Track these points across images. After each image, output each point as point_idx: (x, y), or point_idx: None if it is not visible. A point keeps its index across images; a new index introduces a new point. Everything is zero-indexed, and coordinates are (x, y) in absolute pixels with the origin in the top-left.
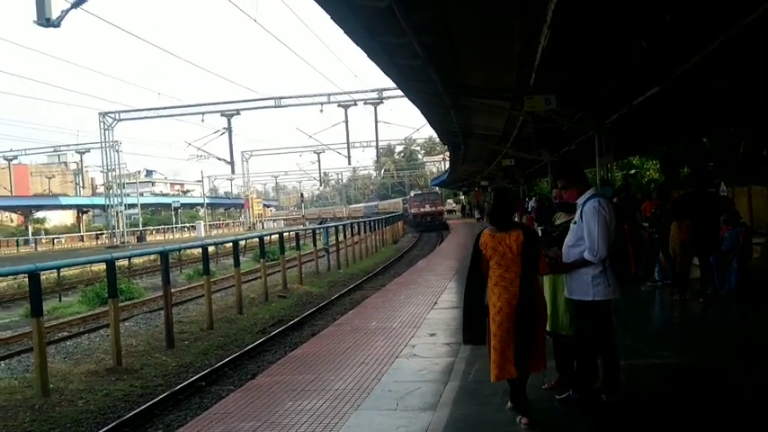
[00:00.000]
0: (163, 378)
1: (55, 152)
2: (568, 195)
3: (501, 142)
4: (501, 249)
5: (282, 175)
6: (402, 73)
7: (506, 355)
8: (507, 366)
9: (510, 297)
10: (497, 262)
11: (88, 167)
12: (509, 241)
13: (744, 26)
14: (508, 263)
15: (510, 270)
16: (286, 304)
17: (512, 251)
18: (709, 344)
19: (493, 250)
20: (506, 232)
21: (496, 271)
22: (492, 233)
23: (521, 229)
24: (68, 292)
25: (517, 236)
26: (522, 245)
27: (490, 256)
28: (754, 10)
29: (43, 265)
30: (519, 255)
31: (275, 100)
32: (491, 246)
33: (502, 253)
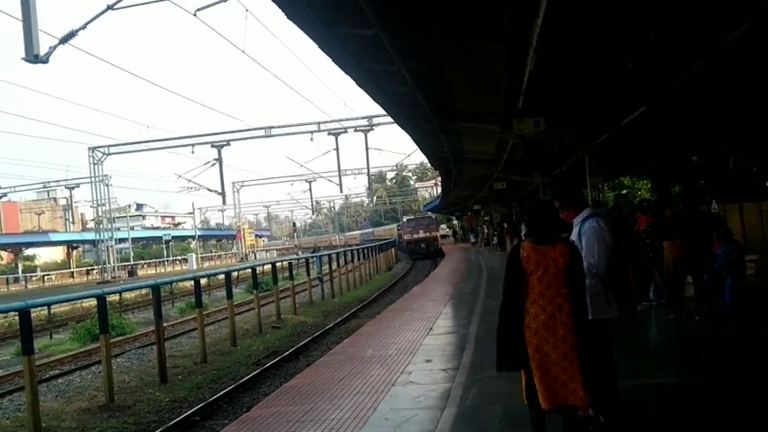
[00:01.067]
0: (156, 414)
1: (44, 188)
2: (566, 215)
3: (492, 166)
4: (545, 263)
5: (274, 205)
6: (391, 99)
7: (544, 382)
8: (547, 395)
9: (547, 318)
10: (539, 278)
11: (78, 202)
12: (554, 255)
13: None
14: (551, 279)
15: (551, 287)
16: (280, 335)
17: (557, 265)
18: (705, 362)
19: (536, 264)
20: (551, 245)
21: (536, 288)
22: (534, 245)
23: (565, 243)
24: (59, 329)
25: (562, 250)
26: (568, 261)
27: (531, 271)
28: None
29: (33, 302)
30: (564, 270)
31: (265, 129)
32: (534, 259)
33: (546, 267)
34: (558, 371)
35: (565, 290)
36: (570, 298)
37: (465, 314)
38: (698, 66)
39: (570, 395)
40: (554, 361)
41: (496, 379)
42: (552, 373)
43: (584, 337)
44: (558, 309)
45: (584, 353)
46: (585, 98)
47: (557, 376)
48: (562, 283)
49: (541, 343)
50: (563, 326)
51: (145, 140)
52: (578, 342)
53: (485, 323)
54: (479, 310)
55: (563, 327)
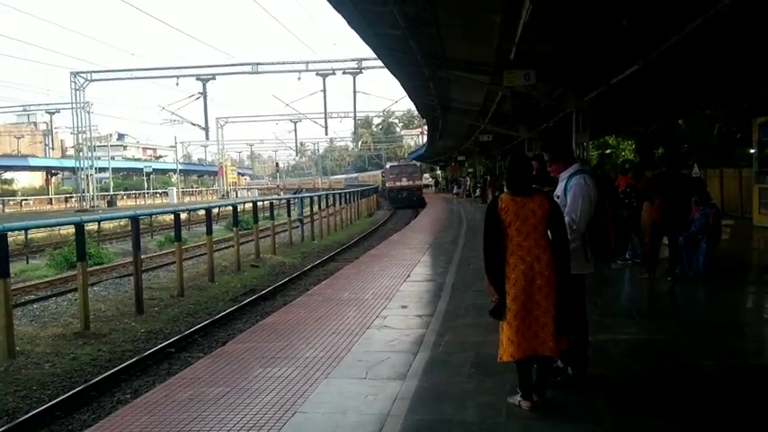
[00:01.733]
0: (131, 343)
1: (24, 112)
2: (554, 170)
3: (479, 117)
4: (523, 214)
5: (258, 144)
6: (382, 42)
7: (520, 332)
8: (522, 345)
9: (526, 268)
10: (517, 228)
11: (58, 128)
12: (533, 206)
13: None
14: (529, 229)
15: (529, 238)
16: (258, 273)
17: (535, 216)
18: (674, 321)
19: (515, 215)
20: (529, 197)
21: (514, 239)
22: (512, 197)
23: (543, 194)
24: (36, 255)
25: (541, 201)
26: (547, 211)
27: (510, 222)
28: None
29: (10, 226)
30: (542, 220)
31: (252, 66)
32: (513, 210)
33: (524, 218)
34: (532, 320)
35: (544, 241)
36: (549, 249)
37: (443, 263)
38: (692, 28)
39: (540, 345)
40: (529, 310)
41: (470, 327)
42: (527, 322)
43: (562, 288)
44: (536, 259)
45: (560, 304)
46: (578, 54)
47: (530, 325)
48: (541, 234)
49: (519, 293)
50: (540, 276)
51: (129, 69)
52: (555, 293)
53: (462, 273)
54: (457, 260)
55: (540, 277)
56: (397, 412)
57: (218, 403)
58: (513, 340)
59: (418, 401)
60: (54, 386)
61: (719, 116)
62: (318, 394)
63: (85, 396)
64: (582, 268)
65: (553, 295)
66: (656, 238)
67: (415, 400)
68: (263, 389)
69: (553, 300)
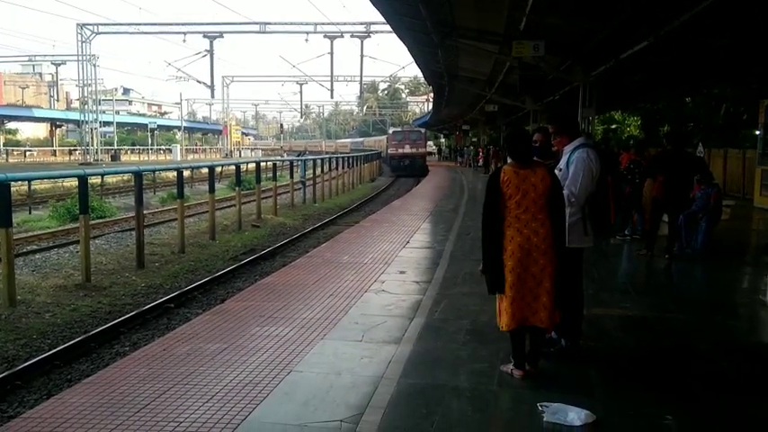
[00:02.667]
0: (131, 297)
1: (30, 62)
2: (558, 142)
3: (486, 87)
4: (524, 187)
5: (263, 104)
6: (392, 7)
7: (515, 302)
8: (516, 315)
9: (523, 240)
10: (517, 201)
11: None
12: (534, 180)
13: None
14: (529, 203)
15: (528, 211)
16: (259, 234)
17: (536, 190)
18: (669, 298)
19: (516, 188)
20: (531, 169)
21: (513, 212)
22: (516, 169)
23: (545, 168)
24: (39, 206)
25: (543, 175)
26: (548, 186)
27: (510, 195)
28: None
29: (14, 176)
30: (542, 195)
31: (260, 25)
32: (514, 183)
33: (525, 191)
34: (525, 291)
35: (542, 215)
36: (546, 223)
37: (443, 231)
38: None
39: (532, 316)
40: (523, 281)
41: (467, 295)
42: (521, 292)
43: (558, 262)
44: (533, 232)
45: (555, 278)
46: (588, 27)
47: (524, 296)
48: (540, 208)
49: (515, 265)
50: (536, 249)
51: (136, 23)
52: (551, 266)
53: (461, 241)
54: (457, 228)
55: (536, 250)
56: (390, 375)
57: (215, 359)
58: (508, 311)
59: (412, 366)
60: (54, 336)
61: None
62: (314, 354)
63: (85, 347)
64: (581, 242)
65: (549, 268)
66: (656, 216)
67: (409, 364)
68: (260, 347)
69: (549, 273)
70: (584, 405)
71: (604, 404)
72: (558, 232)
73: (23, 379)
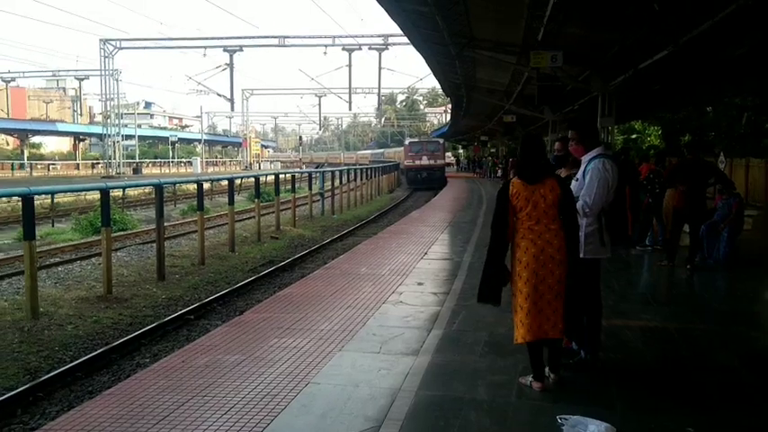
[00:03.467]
0: (152, 309)
1: (54, 77)
2: (575, 149)
3: (504, 98)
4: (534, 199)
5: (282, 117)
6: (409, 19)
7: (532, 314)
8: (532, 327)
9: (537, 251)
10: (528, 213)
11: (87, 95)
12: (543, 190)
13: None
14: (540, 214)
15: (540, 222)
16: (278, 245)
17: (545, 201)
18: (690, 309)
19: (525, 201)
20: (540, 182)
21: (525, 223)
22: (523, 182)
23: (555, 179)
24: (62, 219)
25: (552, 185)
26: (557, 195)
27: (520, 208)
28: None
29: (37, 189)
30: (553, 205)
31: (279, 39)
32: (524, 195)
33: (534, 203)
34: (543, 304)
35: (555, 225)
36: (560, 234)
37: (461, 242)
38: (726, 13)
39: (551, 328)
40: (541, 294)
41: (485, 307)
42: (538, 305)
43: (573, 272)
44: (547, 243)
45: (571, 288)
46: (606, 37)
47: (542, 308)
48: (552, 219)
49: (531, 276)
50: (552, 260)
51: (157, 38)
52: (566, 277)
53: (479, 252)
54: (475, 240)
55: (551, 261)
56: (408, 387)
57: (234, 371)
58: (524, 322)
59: (430, 378)
60: (76, 347)
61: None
62: (332, 366)
63: (106, 358)
64: (597, 252)
65: (564, 279)
66: (677, 226)
67: (427, 376)
68: (278, 359)
69: (564, 283)
70: (604, 418)
71: (625, 416)
72: (572, 242)
73: (45, 391)
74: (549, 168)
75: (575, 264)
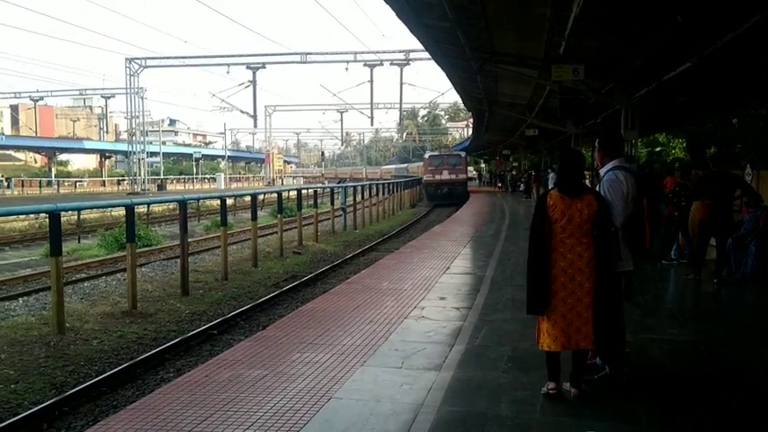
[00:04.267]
0: (176, 324)
1: (80, 96)
2: (598, 157)
3: (526, 111)
4: (570, 213)
5: (304, 132)
6: (430, 34)
7: (558, 326)
8: (560, 338)
9: (566, 264)
10: (563, 226)
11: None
12: (580, 205)
13: None
14: (574, 228)
15: (573, 236)
16: (300, 260)
17: (581, 216)
18: (718, 324)
19: (561, 213)
20: (578, 196)
21: (558, 236)
22: (561, 195)
23: (593, 194)
24: (88, 236)
25: (590, 201)
26: (594, 211)
27: (556, 219)
28: None
29: (64, 206)
30: (588, 221)
31: (301, 55)
32: (561, 208)
33: (570, 217)
34: (573, 316)
35: (587, 240)
36: (591, 248)
37: (483, 257)
38: (750, 25)
39: (583, 339)
40: (570, 306)
41: (508, 321)
42: (567, 317)
43: (602, 286)
44: (577, 257)
45: (600, 301)
46: (629, 49)
47: (571, 321)
48: (585, 233)
49: (558, 288)
50: (580, 273)
51: (182, 56)
52: (595, 290)
53: (502, 267)
54: (498, 254)
55: (580, 274)
56: (431, 402)
57: (256, 386)
58: (551, 333)
59: (453, 393)
60: (101, 362)
61: None
62: (354, 381)
63: (131, 373)
64: (617, 266)
65: (593, 293)
66: (703, 239)
67: (450, 391)
68: (300, 374)
69: (593, 297)
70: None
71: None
72: (604, 257)
73: (71, 405)
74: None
75: (605, 277)
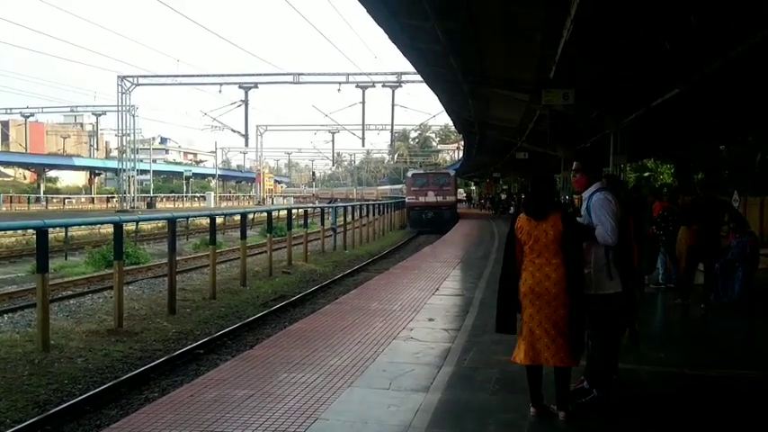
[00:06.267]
0: (162, 343)
1: (71, 113)
2: (576, 181)
3: (516, 135)
4: (536, 234)
5: (296, 152)
6: (422, 57)
7: (528, 341)
8: (529, 353)
9: (534, 283)
10: (530, 247)
11: (103, 130)
12: (545, 226)
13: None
14: (541, 248)
15: (542, 256)
16: (289, 280)
17: (547, 236)
18: (706, 349)
19: (528, 235)
20: (544, 218)
21: (528, 256)
22: (527, 218)
23: (559, 213)
24: (75, 253)
25: (555, 221)
26: (560, 231)
27: (525, 241)
28: None
29: (52, 222)
30: (554, 240)
31: (294, 76)
32: (527, 230)
33: (536, 238)
34: (541, 332)
35: (556, 260)
36: (560, 268)
37: (472, 278)
38: (737, 53)
39: (551, 357)
40: (537, 322)
41: (497, 343)
42: (536, 334)
43: (573, 305)
44: (545, 276)
45: (572, 321)
46: (618, 75)
47: (540, 337)
48: (553, 253)
49: (527, 306)
50: (547, 292)
51: (174, 75)
52: (564, 309)
53: (491, 288)
54: (487, 276)
55: (547, 293)
56: (418, 424)
57: (242, 405)
58: (521, 347)
59: (440, 415)
60: (85, 381)
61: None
62: (341, 402)
63: (115, 392)
64: (606, 288)
65: (562, 311)
66: (691, 264)
67: (438, 413)
68: (287, 394)
69: (562, 315)
70: None
71: None
72: (573, 277)
73: (54, 424)
74: (556, 205)
75: (577, 298)
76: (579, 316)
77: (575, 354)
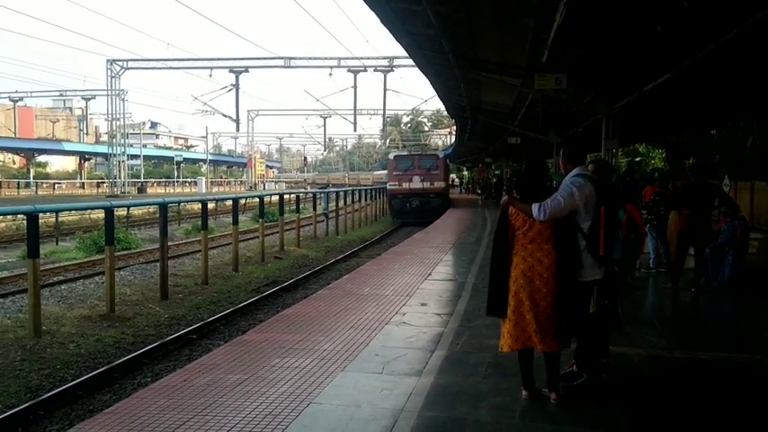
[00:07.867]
0: (154, 328)
1: (61, 97)
2: (562, 165)
3: (509, 120)
4: (530, 220)
5: (287, 137)
6: (414, 41)
7: (519, 325)
8: (520, 338)
9: (526, 268)
10: (524, 232)
11: (93, 115)
12: None
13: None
14: (534, 234)
15: (534, 242)
16: (281, 265)
17: (541, 222)
18: (695, 332)
19: (522, 221)
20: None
21: (520, 241)
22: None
23: None
24: (66, 238)
25: None
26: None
27: (518, 226)
28: None
29: (42, 207)
30: (548, 226)
31: (285, 60)
32: (521, 215)
33: (531, 223)
34: (530, 318)
35: (548, 246)
36: (552, 254)
37: (465, 263)
38: (729, 38)
39: (540, 341)
40: (528, 308)
41: (489, 327)
42: (526, 318)
43: (562, 291)
44: (537, 261)
45: (560, 306)
46: (610, 59)
47: (529, 322)
48: (545, 240)
49: (518, 290)
50: (539, 277)
51: (164, 59)
52: (553, 295)
53: (483, 273)
54: (479, 261)
55: (539, 278)
56: (411, 408)
57: (235, 390)
58: (512, 333)
59: (433, 398)
60: (78, 366)
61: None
62: (334, 386)
63: (108, 377)
64: (583, 275)
65: (552, 297)
66: (682, 248)
67: (430, 397)
68: (280, 378)
69: (551, 301)
70: None
71: None
72: (564, 263)
73: (46, 409)
74: (549, 190)
75: (567, 283)
76: (569, 301)
77: (564, 338)
